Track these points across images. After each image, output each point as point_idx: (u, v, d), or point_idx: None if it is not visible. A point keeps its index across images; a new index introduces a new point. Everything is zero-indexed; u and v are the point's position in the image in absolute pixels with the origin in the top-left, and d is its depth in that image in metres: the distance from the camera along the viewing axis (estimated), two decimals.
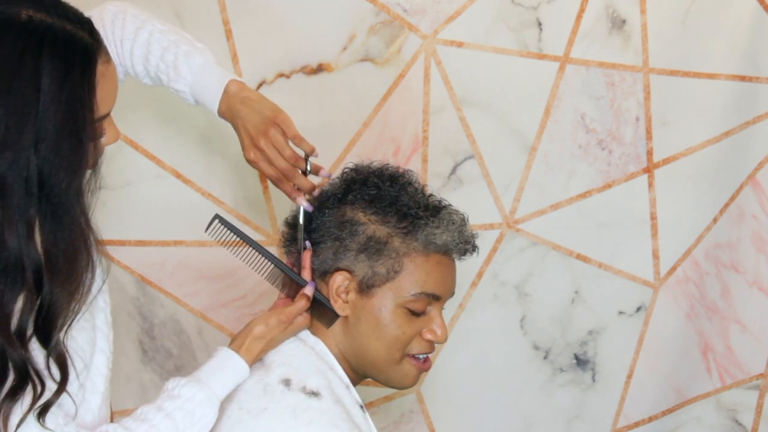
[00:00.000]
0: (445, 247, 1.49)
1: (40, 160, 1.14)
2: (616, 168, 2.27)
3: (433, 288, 1.49)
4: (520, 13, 2.17)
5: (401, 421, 2.31)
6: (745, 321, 2.32)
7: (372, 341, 1.48)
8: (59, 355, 1.22)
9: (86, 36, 1.19)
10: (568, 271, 2.30)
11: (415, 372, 1.52)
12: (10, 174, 1.13)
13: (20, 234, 1.14)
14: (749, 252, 2.30)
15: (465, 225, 1.53)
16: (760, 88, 2.24)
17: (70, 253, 1.19)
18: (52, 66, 1.14)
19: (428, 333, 1.50)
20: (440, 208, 1.52)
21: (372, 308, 1.47)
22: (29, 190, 1.14)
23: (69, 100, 1.15)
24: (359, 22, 2.11)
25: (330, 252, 1.48)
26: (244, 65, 2.07)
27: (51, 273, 1.18)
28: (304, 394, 1.39)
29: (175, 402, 1.31)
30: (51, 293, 1.18)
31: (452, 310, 2.27)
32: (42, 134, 1.14)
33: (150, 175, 2.09)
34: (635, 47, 2.21)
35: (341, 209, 1.50)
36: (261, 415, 1.37)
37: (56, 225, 1.17)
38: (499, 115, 2.21)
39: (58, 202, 1.16)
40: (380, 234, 1.47)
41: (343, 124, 2.15)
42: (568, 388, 2.36)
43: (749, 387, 2.36)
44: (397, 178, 1.52)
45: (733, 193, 2.29)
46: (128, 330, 2.14)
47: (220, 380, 1.36)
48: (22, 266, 1.15)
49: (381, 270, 1.46)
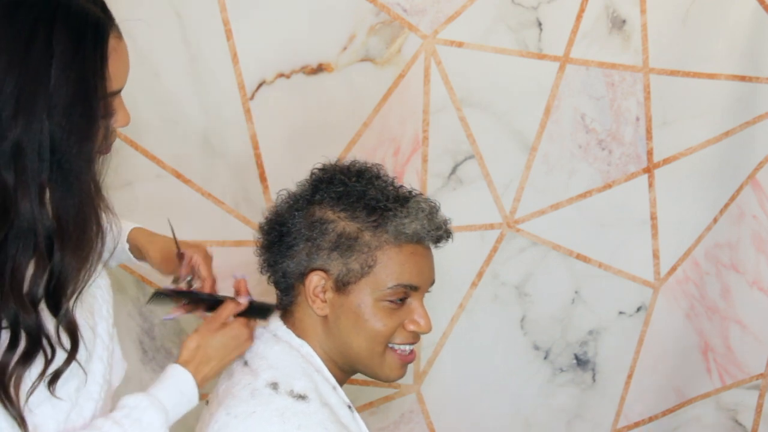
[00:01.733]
0: (417, 236, 1.48)
1: (53, 126, 1.16)
2: (616, 168, 2.27)
3: (410, 279, 1.48)
4: (520, 13, 2.17)
5: (401, 421, 2.31)
6: (745, 321, 2.32)
7: (354, 337, 1.47)
8: (69, 323, 1.23)
9: (98, 11, 1.22)
10: (568, 271, 2.30)
11: (399, 364, 1.51)
12: (24, 139, 1.15)
13: (33, 199, 1.16)
14: (749, 252, 2.30)
15: (435, 212, 1.51)
16: (760, 88, 2.24)
17: (80, 220, 1.20)
18: (65, 36, 1.17)
19: (411, 324, 1.49)
20: (408, 198, 1.51)
21: (351, 305, 1.47)
22: (42, 155, 1.16)
23: (81, 68, 1.18)
24: (359, 22, 2.12)
25: (303, 253, 1.48)
26: (244, 65, 2.07)
27: (61, 239, 1.19)
28: (291, 398, 1.39)
29: (122, 411, 1.33)
30: (62, 260, 1.19)
31: (452, 310, 2.27)
32: (54, 101, 1.16)
33: (150, 175, 2.09)
34: (635, 47, 2.21)
35: (310, 209, 1.50)
36: (249, 419, 1.37)
37: (67, 191, 1.18)
38: (499, 115, 2.21)
39: (69, 168, 1.17)
40: (350, 230, 1.47)
41: (343, 124, 2.15)
42: (568, 388, 2.36)
43: (749, 387, 2.36)
44: (363, 173, 1.51)
45: (733, 193, 2.29)
46: (128, 330, 2.14)
47: (163, 388, 1.38)
48: (35, 231, 1.16)
49: (355, 266, 1.46)
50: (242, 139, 2.10)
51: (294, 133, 2.11)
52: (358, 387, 2.23)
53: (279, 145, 2.11)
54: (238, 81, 2.08)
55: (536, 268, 2.29)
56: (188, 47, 2.05)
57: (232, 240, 2.14)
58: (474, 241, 2.26)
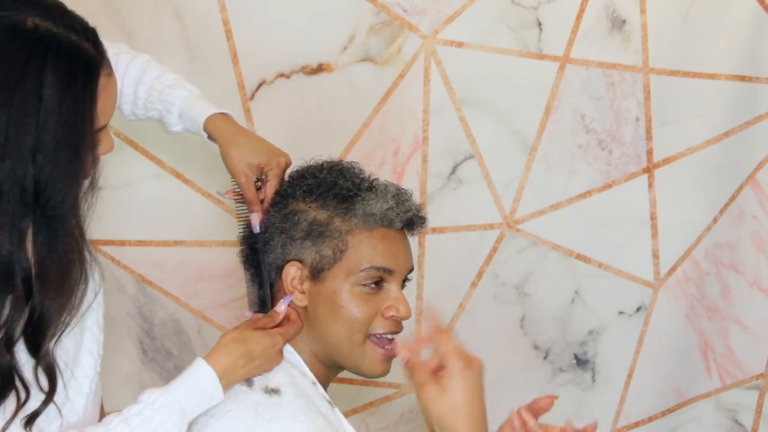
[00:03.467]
0: (386, 218, 1.47)
1: (37, 170, 1.13)
2: (616, 168, 2.27)
3: (383, 261, 1.47)
4: (520, 13, 2.17)
5: (401, 421, 2.31)
6: (745, 321, 2.32)
7: (331, 325, 1.47)
8: (48, 366, 1.21)
9: (90, 48, 1.19)
10: (568, 271, 2.30)
11: (380, 357, 1.49)
12: (6, 182, 1.12)
13: (12, 241, 1.14)
14: (749, 252, 2.30)
15: (404, 194, 1.51)
16: (760, 88, 2.24)
17: (63, 266, 1.18)
18: (55, 77, 1.14)
19: (390, 310, 1.48)
20: (378, 185, 1.51)
21: (326, 292, 1.46)
22: (24, 200, 1.13)
23: (69, 112, 1.15)
24: (359, 22, 2.12)
25: (278, 246, 1.49)
26: (244, 65, 2.07)
27: (42, 284, 1.17)
28: (265, 393, 1.39)
29: (135, 407, 1.29)
30: (42, 304, 1.17)
31: (452, 310, 2.27)
32: (40, 145, 1.13)
33: (150, 175, 2.09)
34: (635, 47, 2.21)
35: (284, 203, 1.51)
36: (225, 417, 1.37)
37: (51, 237, 1.16)
38: (499, 115, 2.21)
39: (53, 214, 1.15)
40: (321, 218, 1.47)
41: (343, 124, 2.15)
42: (568, 388, 2.36)
43: (749, 387, 2.36)
44: (334, 166, 1.52)
45: (733, 193, 2.29)
46: (128, 330, 2.14)
47: (182, 385, 1.33)
48: (12, 272, 1.14)
49: (327, 252, 1.46)
50: None
51: (294, 133, 2.11)
52: (357, 387, 2.23)
53: (279, 145, 2.10)
54: (238, 81, 2.08)
55: (536, 268, 2.29)
56: (188, 47, 2.05)
57: (232, 240, 2.14)
58: (474, 241, 2.26)
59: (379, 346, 1.48)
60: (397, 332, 1.50)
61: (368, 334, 1.48)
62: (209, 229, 2.13)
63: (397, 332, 1.50)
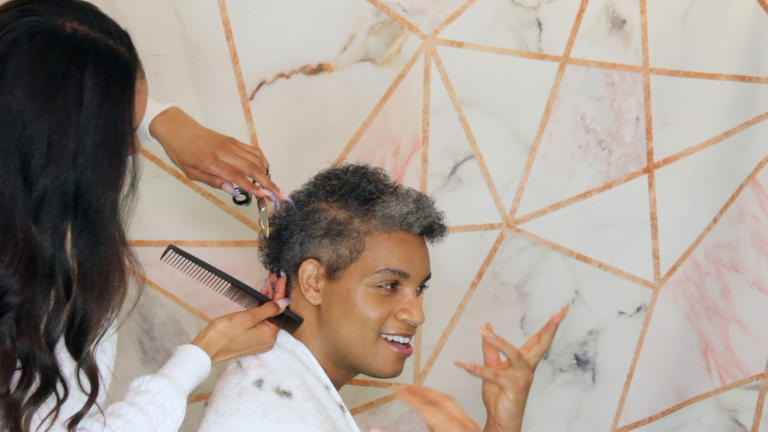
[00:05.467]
0: (405, 222, 1.48)
1: (78, 174, 1.15)
2: (616, 168, 2.27)
3: (399, 264, 1.47)
4: (520, 13, 2.17)
5: (401, 421, 2.31)
6: (745, 321, 2.32)
7: (343, 324, 1.47)
8: (90, 367, 1.23)
9: (126, 52, 1.20)
10: (568, 271, 2.30)
11: (392, 357, 1.49)
12: (50, 187, 1.14)
13: (54, 244, 1.16)
14: (749, 252, 2.30)
15: (425, 200, 1.51)
16: (760, 88, 2.24)
17: (104, 269, 1.20)
18: (95, 82, 1.15)
19: (402, 313, 1.48)
20: (400, 189, 1.51)
21: (341, 291, 1.47)
22: (66, 203, 1.15)
23: (109, 115, 1.16)
24: (359, 22, 2.12)
25: (297, 244, 1.49)
26: (244, 65, 2.07)
27: (84, 287, 1.19)
28: (276, 394, 1.40)
29: (145, 397, 1.31)
30: (84, 307, 1.19)
31: (452, 310, 2.27)
32: (81, 149, 1.15)
33: (150, 175, 2.09)
34: (635, 47, 2.21)
35: (305, 202, 1.51)
36: (233, 416, 1.38)
37: (92, 240, 1.18)
38: (499, 115, 2.21)
39: (94, 218, 1.18)
40: (341, 217, 1.47)
41: (343, 124, 2.15)
42: (568, 388, 2.36)
43: (749, 387, 2.36)
44: (359, 169, 1.53)
45: (733, 193, 2.29)
46: (128, 330, 2.14)
47: (184, 372, 1.36)
48: (54, 274, 1.16)
49: (344, 251, 1.46)
50: (242, 139, 2.08)
51: (294, 133, 2.11)
52: (358, 387, 2.23)
53: (279, 145, 2.11)
54: (238, 81, 2.08)
55: (536, 268, 2.29)
56: (188, 47, 2.05)
57: (232, 240, 2.14)
58: (474, 241, 2.26)
59: (392, 346, 1.48)
60: (409, 335, 1.50)
61: (380, 334, 1.48)
62: (209, 229, 2.13)
63: (409, 335, 1.50)
